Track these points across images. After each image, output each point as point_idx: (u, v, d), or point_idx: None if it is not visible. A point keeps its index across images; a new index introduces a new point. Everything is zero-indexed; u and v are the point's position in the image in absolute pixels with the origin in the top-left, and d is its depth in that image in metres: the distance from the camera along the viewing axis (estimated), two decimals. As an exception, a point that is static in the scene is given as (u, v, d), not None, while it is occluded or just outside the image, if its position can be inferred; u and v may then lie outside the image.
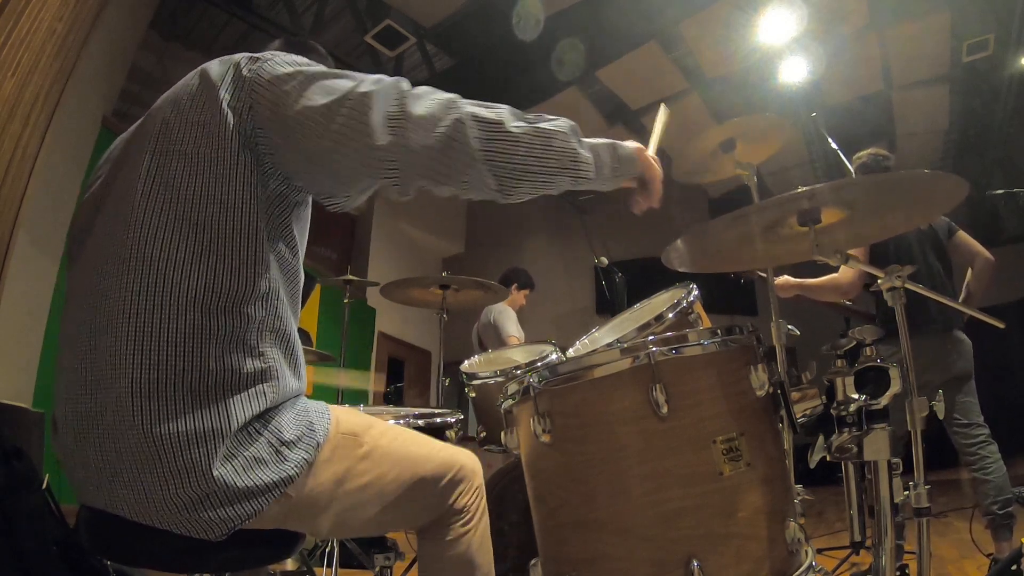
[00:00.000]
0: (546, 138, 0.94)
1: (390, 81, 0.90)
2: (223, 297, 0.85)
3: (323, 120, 0.86)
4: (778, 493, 1.12)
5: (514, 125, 0.91)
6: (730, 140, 1.95)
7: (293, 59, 0.95)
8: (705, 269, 1.48)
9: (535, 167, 0.93)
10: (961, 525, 2.63)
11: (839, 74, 5.63)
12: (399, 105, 0.86)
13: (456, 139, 0.87)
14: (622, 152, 1.06)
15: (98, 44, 3.25)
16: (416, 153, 0.86)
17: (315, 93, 0.88)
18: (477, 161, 0.89)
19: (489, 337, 3.85)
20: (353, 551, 2.52)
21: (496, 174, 0.91)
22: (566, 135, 0.96)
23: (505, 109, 0.93)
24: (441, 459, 1.08)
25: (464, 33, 5.34)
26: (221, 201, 0.87)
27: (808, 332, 2.11)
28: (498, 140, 0.90)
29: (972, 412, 2.42)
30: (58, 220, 3.10)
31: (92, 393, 0.85)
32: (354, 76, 0.91)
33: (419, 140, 0.85)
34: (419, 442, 1.08)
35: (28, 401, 2.76)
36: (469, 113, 0.89)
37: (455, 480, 1.08)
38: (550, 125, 0.95)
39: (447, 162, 0.88)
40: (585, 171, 0.98)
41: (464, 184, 0.91)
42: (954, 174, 1.13)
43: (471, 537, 1.10)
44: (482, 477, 1.15)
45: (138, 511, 0.83)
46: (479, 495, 1.14)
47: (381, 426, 1.04)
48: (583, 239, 3.05)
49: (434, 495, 1.06)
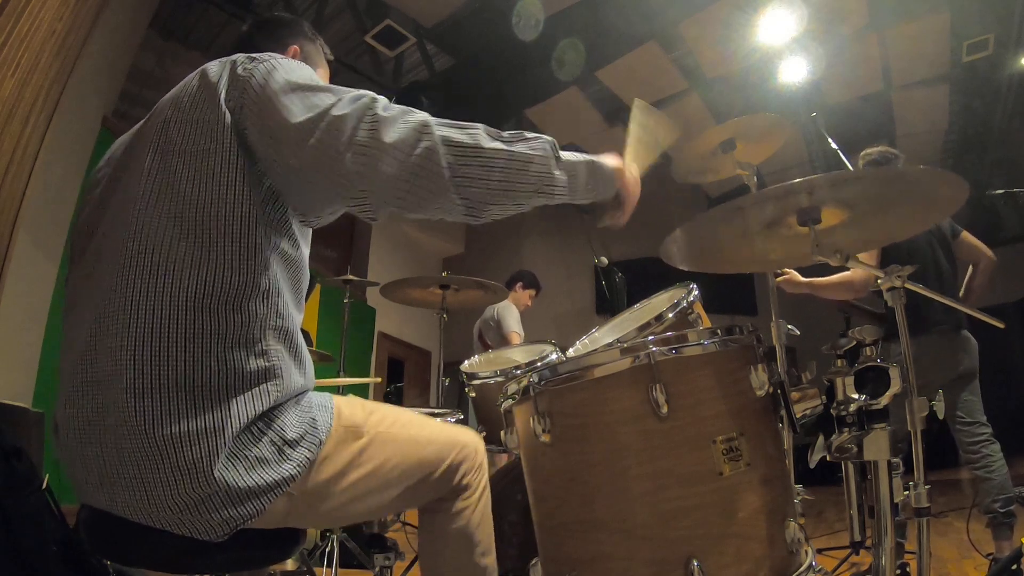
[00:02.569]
0: (522, 163, 0.91)
1: (364, 102, 0.87)
2: (224, 295, 0.85)
3: (297, 138, 0.86)
4: (778, 493, 1.12)
5: (489, 147, 0.89)
6: (730, 140, 1.96)
7: (288, 65, 0.94)
8: (705, 269, 1.48)
9: (508, 191, 0.91)
10: (961, 525, 2.62)
11: (839, 74, 5.63)
12: (370, 132, 0.84)
13: (426, 167, 0.85)
14: (600, 171, 1.03)
15: (98, 44, 3.25)
16: (385, 181, 0.85)
17: (296, 107, 0.87)
18: (448, 189, 0.87)
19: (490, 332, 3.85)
20: (353, 551, 2.53)
21: (466, 199, 0.89)
22: (543, 158, 0.93)
23: (480, 130, 0.91)
24: (443, 440, 1.09)
25: (464, 33, 5.34)
26: (218, 198, 0.87)
27: (808, 332, 2.11)
28: (471, 166, 0.88)
29: (976, 411, 2.42)
30: (58, 220, 3.10)
31: (93, 394, 0.85)
32: (336, 91, 0.89)
33: (388, 169, 0.84)
34: (421, 424, 1.09)
35: (28, 401, 2.76)
36: (441, 138, 0.86)
37: (458, 460, 1.10)
38: (527, 148, 0.93)
39: (417, 190, 0.86)
40: (559, 193, 0.96)
41: (436, 210, 0.90)
42: (954, 174, 1.12)
43: (472, 511, 1.12)
44: (484, 454, 1.17)
45: (139, 512, 0.83)
46: (481, 471, 1.15)
47: (382, 411, 1.05)
48: (583, 239, 3.04)
49: (438, 476, 1.07)
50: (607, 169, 1.05)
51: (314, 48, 1.27)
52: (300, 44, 1.25)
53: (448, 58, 5.74)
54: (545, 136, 0.96)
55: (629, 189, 1.09)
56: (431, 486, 1.07)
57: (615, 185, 1.07)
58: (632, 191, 1.09)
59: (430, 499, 1.10)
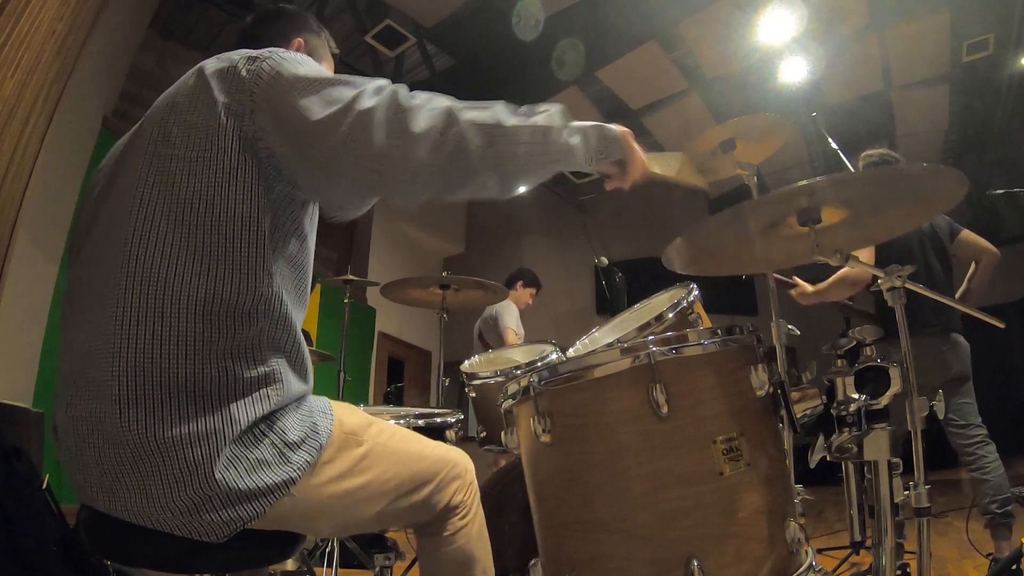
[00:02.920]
0: (543, 134, 0.95)
1: (388, 92, 0.88)
2: (225, 303, 0.84)
3: (321, 134, 0.85)
4: (778, 493, 1.12)
5: (511, 124, 0.92)
6: (730, 140, 1.95)
7: (293, 60, 0.93)
8: (706, 271, 1.48)
9: (534, 164, 0.95)
10: (962, 525, 2.62)
11: (839, 74, 5.63)
12: (400, 123, 0.85)
13: (460, 151, 0.87)
14: (608, 134, 1.08)
15: (98, 44, 3.25)
16: (419, 169, 0.86)
17: (314, 103, 0.86)
18: (481, 169, 0.90)
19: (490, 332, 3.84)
20: (353, 551, 2.53)
21: (500, 176, 0.92)
22: (559, 127, 0.97)
23: (500, 106, 0.94)
24: (435, 456, 1.09)
25: (464, 33, 5.34)
26: (222, 205, 0.85)
27: (808, 332, 2.11)
28: (500, 144, 0.90)
29: (970, 414, 2.42)
30: (58, 220, 3.10)
31: (92, 398, 0.84)
32: (354, 83, 0.89)
33: (421, 157, 0.86)
34: (414, 440, 1.09)
35: (28, 401, 2.76)
36: (468, 120, 0.89)
37: (449, 477, 1.10)
38: (543, 120, 0.96)
39: (452, 174, 0.89)
40: (577, 158, 1.01)
41: (470, 190, 0.93)
42: (952, 169, 1.12)
43: (469, 531, 1.11)
44: (474, 473, 1.17)
45: (140, 514, 0.83)
46: (472, 490, 1.15)
47: (379, 424, 1.05)
48: (583, 239, 3.04)
49: (431, 492, 1.07)
50: (614, 132, 1.09)
51: (319, 41, 1.25)
52: (305, 37, 1.22)
53: (448, 58, 5.74)
54: (554, 105, 1.00)
55: (635, 154, 1.12)
56: (424, 501, 1.06)
57: (623, 147, 1.10)
58: (637, 156, 1.12)
59: (425, 516, 1.09)
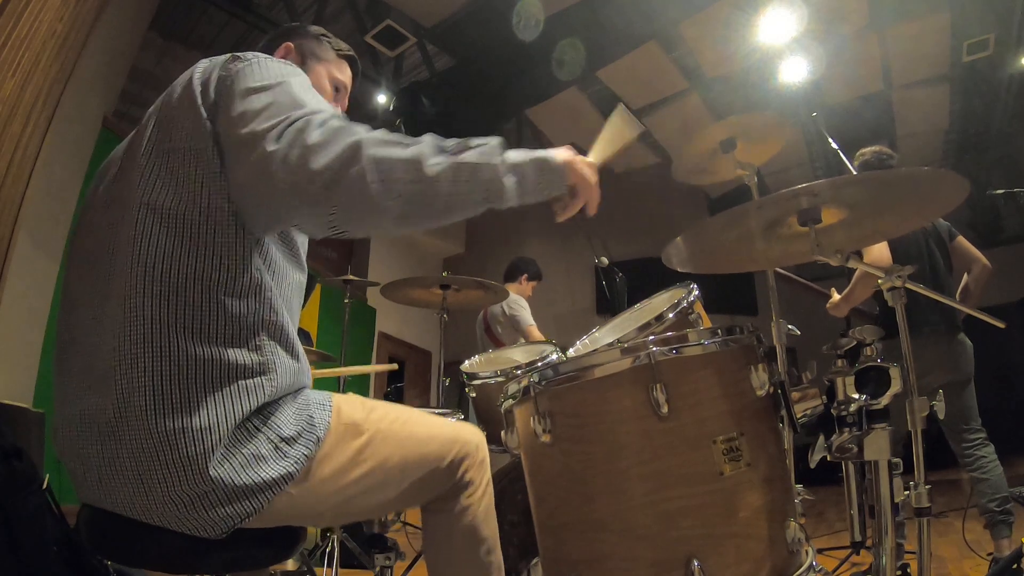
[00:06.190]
0: (471, 171, 0.88)
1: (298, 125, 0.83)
2: (215, 291, 0.86)
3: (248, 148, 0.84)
4: (778, 493, 1.12)
5: (432, 162, 0.85)
6: (730, 140, 1.95)
7: (271, 70, 0.92)
8: (706, 270, 1.48)
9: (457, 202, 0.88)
10: (961, 525, 2.62)
11: (839, 74, 5.63)
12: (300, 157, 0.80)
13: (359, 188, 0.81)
14: (549, 167, 0.99)
15: (98, 44, 3.25)
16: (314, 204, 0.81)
17: (262, 117, 0.85)
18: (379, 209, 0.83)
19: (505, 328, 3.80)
20: (353, 551, 2.53)
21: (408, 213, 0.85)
22: (490, 165, 0.90)
23: (426, 141, 0.88)
24: (444, 436, 1.09)
25: (464, 33, 5.34)
26: (201, 199, 0.88)
27: (808, 332, 2.11)
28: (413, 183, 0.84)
29: (970, 416, 2.41)
30: (58, 220, 3.10)
31: (92, 391, 0.85)
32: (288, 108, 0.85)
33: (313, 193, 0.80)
34: (422, 422, 1.09)
35: (28, 401, 2.76)
36: (373, 157, 0.82)
37: (459, 456, 1.09)
38: (474, 156, 0.89)
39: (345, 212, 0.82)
40: (508, 197, 0.93)
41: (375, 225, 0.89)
42: (952, 172, 1.12)
43: (476, 508, 1.11)
44: (486, 449, 1.16)
45: (138, 508, 0.84)
46: (483, 467, 1.14)
47: (382, 409, 1.05)
48: (583, 239, 3.04)
49: (440, 473, 1.07)
50: (556, 163, 1.00)
51: (316, 44, 1.26)
52: (295, 42, 1.23)
53: (448, 58, 5.74)
54: (492, 139, 0.93)
55: (583, 180, 1.05)
56: (432, 483, 1.07)
57: (566, 179, 1.02)
58: (587, 182, 1.05)
59: (432, 497, 1.09)
